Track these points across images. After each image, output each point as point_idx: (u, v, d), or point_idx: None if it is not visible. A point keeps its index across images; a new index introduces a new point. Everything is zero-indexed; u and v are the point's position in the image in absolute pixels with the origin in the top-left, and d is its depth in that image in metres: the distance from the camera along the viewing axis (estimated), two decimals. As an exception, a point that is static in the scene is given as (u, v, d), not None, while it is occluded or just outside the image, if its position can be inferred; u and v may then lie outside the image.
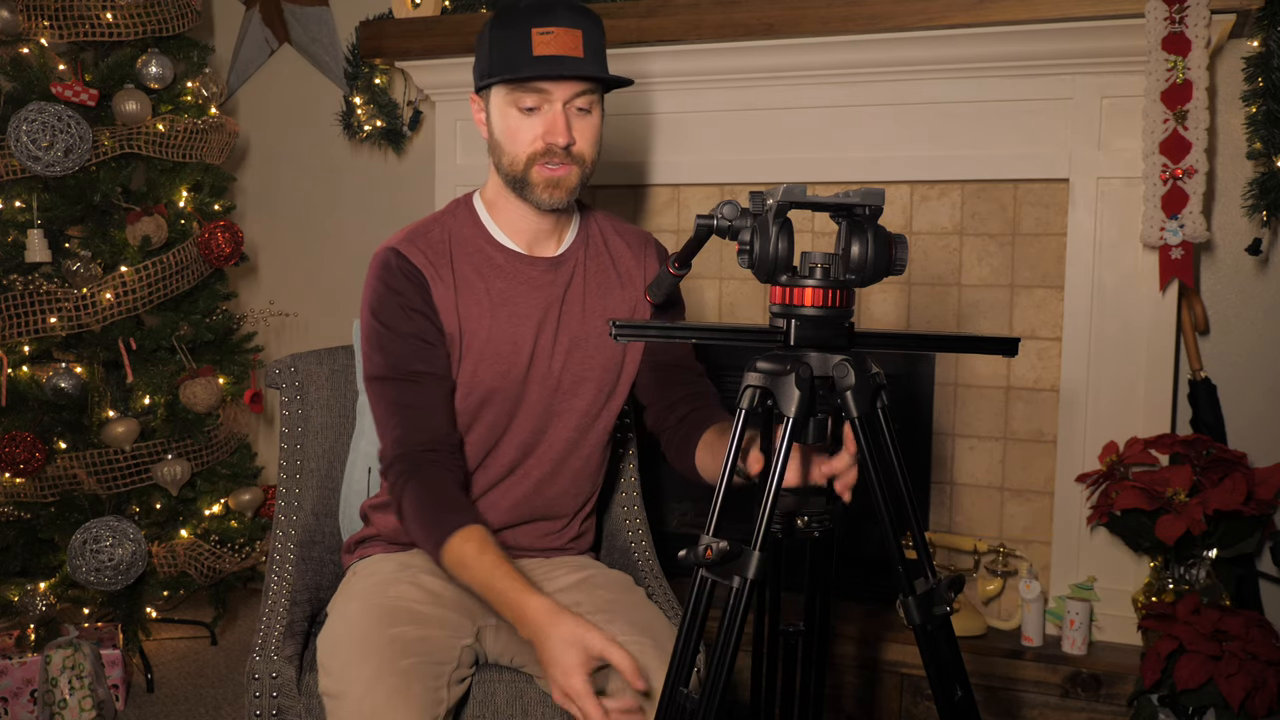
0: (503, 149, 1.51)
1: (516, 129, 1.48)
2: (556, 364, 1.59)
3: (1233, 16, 2.04)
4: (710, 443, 1.54)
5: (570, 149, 1.48)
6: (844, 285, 1.09)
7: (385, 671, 1.37)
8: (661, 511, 2.67)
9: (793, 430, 1.06)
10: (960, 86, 2.28)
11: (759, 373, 1.10)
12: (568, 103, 1.47)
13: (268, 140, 3.37)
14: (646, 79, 2.48)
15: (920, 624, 1.07)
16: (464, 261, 1.56)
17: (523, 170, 1.49)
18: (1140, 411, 2.21)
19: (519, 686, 1.58)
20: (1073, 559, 2.28)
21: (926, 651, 1.08)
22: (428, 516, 1.45)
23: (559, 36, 1.43)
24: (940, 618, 1.08)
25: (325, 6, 3.19)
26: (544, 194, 1.50)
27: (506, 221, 1.58)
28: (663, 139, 2.55)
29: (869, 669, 2.30)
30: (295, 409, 1.84)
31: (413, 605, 1.50)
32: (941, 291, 2.40)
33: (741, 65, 2.41)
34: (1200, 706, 1.95)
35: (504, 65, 1.45)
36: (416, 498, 1.46)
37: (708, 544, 1.07)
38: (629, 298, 1.65)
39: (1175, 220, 2.07)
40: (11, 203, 2.58)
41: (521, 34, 1.43)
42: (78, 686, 2.35)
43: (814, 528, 1.21)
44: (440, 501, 1.46)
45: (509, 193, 1.55)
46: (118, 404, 2.68)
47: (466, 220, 1.59)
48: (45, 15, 2.54)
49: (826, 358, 1.09)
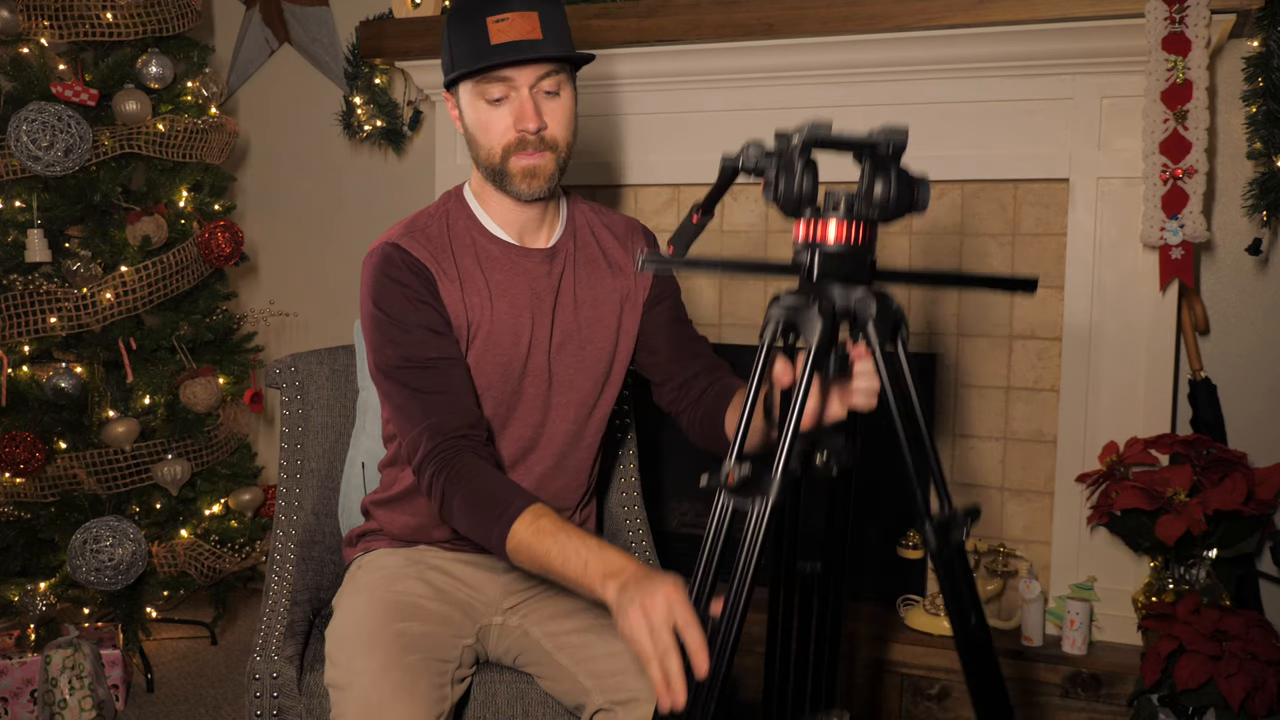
0: (478, 143, 1.51)
1: (487, 121, 1.48)
2: (551, 356, 1.59)
3: (1233, 16, 2.04)
4: (740, 405, 1.51)
5: (543, 134, 1.48)
6: (866, 220, 1.11)
7: (392, 665, 1.37)
8: (661, 511, 2.67)
9: (815, 360, 1.08)
10: (960, 86, 2.28)
11: (782, 306, 1.12)
12: (533, 87, 1.46)
13: (268, 140, 3.37)
14: (647, 79, 2.48)
15: (938, 550, 1.09)
16: (464, 254, 1.55)
17: (499, 162, 1.50)
18: (1140, 411, 2.21)
19: (519, 687, 1.58)
20: (1073, 559, 2.28)
21: (945, 579, 1.10)
22: (484, 513, 1.36)
23: (514, 22, 1.43)
24: (956, 544, 1.10)
25: (325, 6, 3.19)
26: (522, 184, 1.50)
27: (496, 213, 1.58)
28: (663, 139, 2.55)
29: (869, 669, 2.30)
30: (295, 409, 1.84)
31: (419, 601, 1.50)
32: (942, 291, 2.40)
33: (742, 65, 2.41)
34: (1200, 706, 1.95)
35: (465, 58, 1.46)
36: (467, 496, 1.38)
37: (730, 469, 1.08)
38: (620, 286, 1.64)
39: (1175, 220, 2.07)
40: (11, 203, 2.58)
41: (477, 25, 1.44)
42: (78, 686, 2.35)
43: (832, 465, 1.22)
44: (491, 493, 1.37)
45: (491, 187, 1.55)
46: (118, 404, 2.68)
47: (460, 213, 1.59)
48: (45, 15, 2.54)
49: (848, 290, 1.10)
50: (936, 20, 2.16)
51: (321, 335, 3.24)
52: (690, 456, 1.75)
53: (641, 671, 1.41)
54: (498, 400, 1.57)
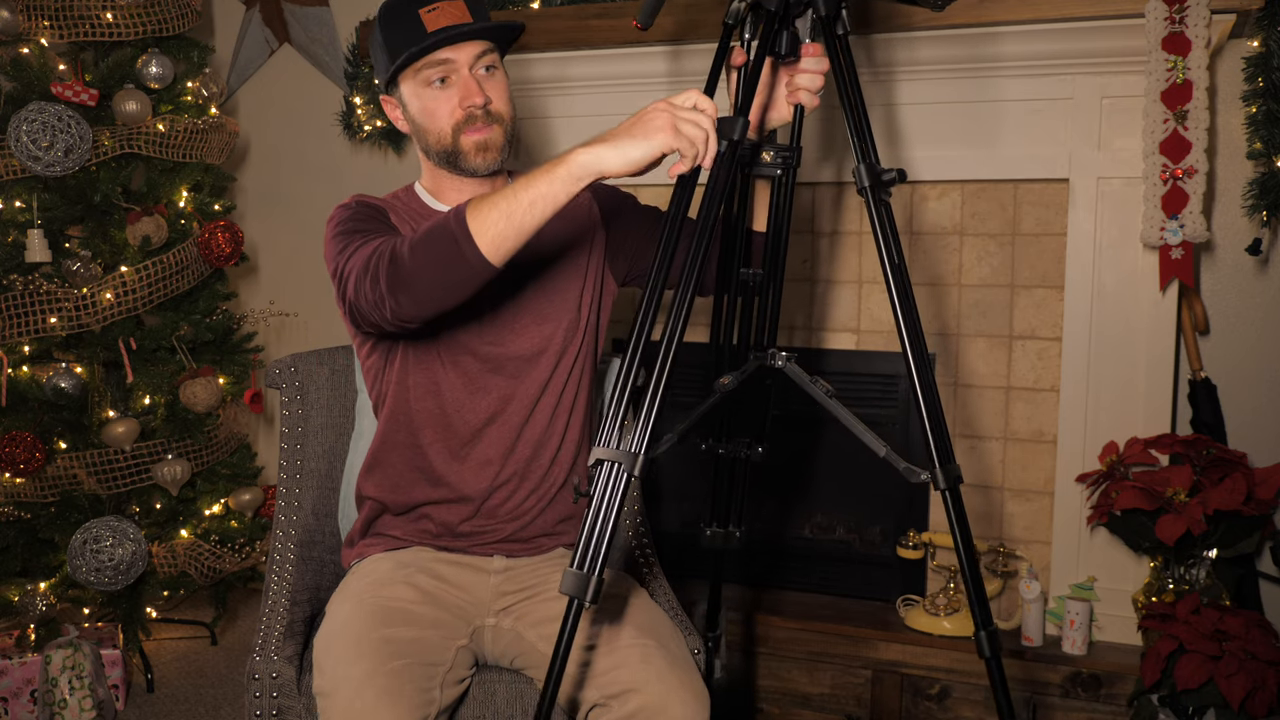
0: (426, 130, 1.57)
1: (434, 106, 1.55)
2: (517, 308, 1.61)
3: (1233, 16, 2.04)
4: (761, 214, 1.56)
5: (489, 108, 1.54)
6: None
7: (376, 672, 1.38)
8: (661, 511, 2.67)
9: (766, 34, 1.30)
10: (960, 86, 2.28)
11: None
12: (472, 66, 1.53)
13: (268, 140, 3.37)
14: (647, 79, 2.48)
15: (871, 190, 1.31)
16: (416, 220, 1.61)
17: (451, 141, 1.56)
18: (1140, 411, 2.21)
19: (519, 687, 1.58)
20: (1073, 559, 2.28)
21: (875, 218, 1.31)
22: (433, 228, 1.32)
23: (444, 9, 1.52)
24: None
25: (325, 6, 3.19)
26: (477, 158, 1.56)
27: (451, 199, 1.64)
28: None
29: (869, 669, 2.30)
30: (295, 409, 1.84)
31: (407, 606, 1.50)
32: (941, 291, 2.40)
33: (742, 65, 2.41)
34: (1200, 706, 1.95)
35: (403, 49, 1.52)
36: (413, 238, 1.34)
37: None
38: (573, 226, 1.67)
39: (1175, 220, 2.07)
40: (11, 203, 2.58)
41: (411, 19, 1.52)
42: (78, 686, 2.35)
43: (778, 162, 1.43)
44: (434, 221, 1.35)
45: (444, 172, 1.61)
46: (118, 404, 2.68)
47: (410, 199, 1.66)
48: (45, 15, 2.54)
49: None
50: (936, 20, 2.16)
51: (321, 335, 3.24)
52: (690, 456, 1.75)
53: (636, 665, 1.42)
54: (469, 360, 1.60)
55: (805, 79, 1.41)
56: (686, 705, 1.39)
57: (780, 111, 1.47)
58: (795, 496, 2.60)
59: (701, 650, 1.67)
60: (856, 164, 1.31)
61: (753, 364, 1.45)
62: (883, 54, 2.29)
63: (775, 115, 1.47)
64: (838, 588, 2.52)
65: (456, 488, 1.62)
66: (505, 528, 1.63)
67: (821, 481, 2.58)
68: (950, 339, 2.39)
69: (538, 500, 1.66)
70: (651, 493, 2.55)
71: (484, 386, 1.61)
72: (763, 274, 1.48)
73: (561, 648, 1.20)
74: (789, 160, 1.44)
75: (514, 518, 1.64)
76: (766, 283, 1.49)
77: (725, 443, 1.56)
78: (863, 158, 1.31)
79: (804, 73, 1.41)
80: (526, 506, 1.65)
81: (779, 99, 1.46)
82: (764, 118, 1.48)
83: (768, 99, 1.47)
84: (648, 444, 1.21)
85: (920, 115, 2.31)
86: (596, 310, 1.69)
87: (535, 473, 1.65)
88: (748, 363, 1.46)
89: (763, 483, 2.58)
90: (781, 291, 1.51)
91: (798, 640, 2.36)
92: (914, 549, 2.34)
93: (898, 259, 1.30)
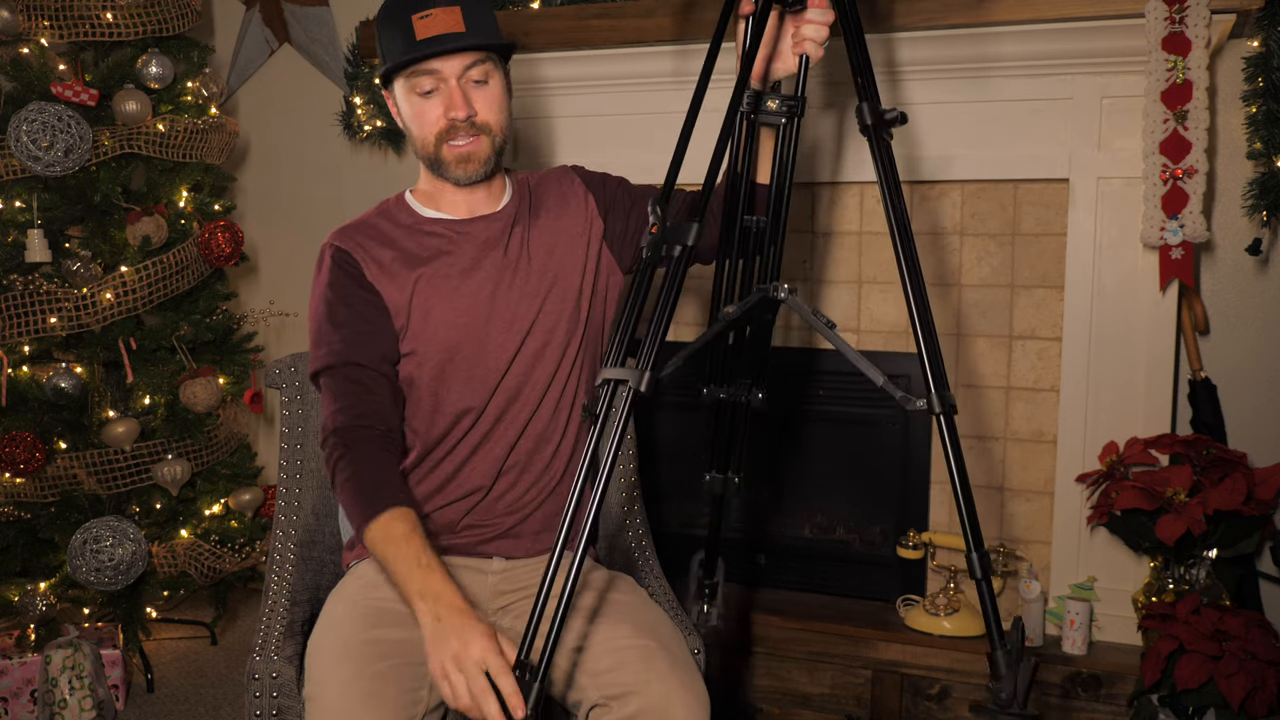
0: (414, 134, 1.59)
1: (421, 113, 1.55)
2: (517, 306, 1.61)
3: (1233, 16, 2.04)
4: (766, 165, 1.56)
5: (474, 120, 1.54)
6: None
7: (361, 675, 1.38)
8: (661, 511, 2.67)
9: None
10: (960, 86, 2.28)
11: None
12: (461, 78, 1.53)
13: (268, 140, 3.37)
14: (647, 79, 2.48)
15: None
16: (405, 238, 1.62)
17: (434, 150, 1.57)
18: (1140, 411, 2.21)
19: (519, 686, 1.57)
20: (1073, 559, 2.28)
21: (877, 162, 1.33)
22: (358, 500, 1.45)
23: (437, 17, 1.50)
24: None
25: (325, 6, 3.19)
26: (458, 170, 1.57)
27: (445, 201, 1.64)
28: (664, 138, 2.54)
29: (869, 669, 2.30)
30: (295, 409, 1.84)
31: (396, 607, 1.50)
32: (942, 291, 2.40)
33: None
34: (1200, 706, 1.95)
35: (394, 55, 1.53)
36: (352, 478, 1.46)
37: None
38: (573, 222, 1.67)
39: (1175, 220, 2.07)
40: (11, 203, 2.58)
41: (404, 24, 1.51)
42: (78, 686, 2.35)
43: (782, 110, 1.45)
44: (371, 485, 1.46)
45: (435, 177, 1.62)
46: (118, 404, 2.68)
47: (400, 210, 1.66)
48: (45, 15, 2.54)
49: None
50: (936, 20, 2.16)
51: (321, 335, 3.24)
52: (690, 457, 1.75)
53: (636, 665, 1.42)
54: (468, 360, 1.60)
55: (810, 29, 1.43)
56: (688, 708, 1.39)
57: (786, 62, 1.48)
58: (795, 496, 2.60)
59: (701, 650, 1.67)
60: (859, 103, 1.32)
61: (756, 294, 1.46)
62: (883, 54, 2.28)
63: (780, 66, 1.49)
64: (837, 587, 2.52)
65: (461, 484, 1.62)
66: (504, 521, 1.63)
67: (822, 481, 2.58)
68: (950, 339, 2.39)
69: (538, 493, 1.66)
70: (652, 493, 2.55)
71: (489, 387, 1.61)
72: (766, 220, 1.50)
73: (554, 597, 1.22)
74: (794, 109, 1.45)
75: (513, 510, 1.64)
76: (771, 229, 1.50)
77: (726, 387, 1.56)
78: (865, 97, 1.32)
79: (809, 23, 1.43)
80: (527, 499, 1.65)
81: (784, 50, 1.48)
82: (769, 68, 1.50)
83: (773, 49, 1.48)
84: (653, 364, 1.23)
85: (920, 115, 2.31)
86: (600, 303, 1.69)
87: (536, 465, 1.65)
88: (751, 294, 1.47)
89: (763, 482, 2.58)
90: (784, 238, 1.52)
91: (798, 640, 2.36)
92: (914, 549, 2.34)
93: (898, 200, 1.31)
